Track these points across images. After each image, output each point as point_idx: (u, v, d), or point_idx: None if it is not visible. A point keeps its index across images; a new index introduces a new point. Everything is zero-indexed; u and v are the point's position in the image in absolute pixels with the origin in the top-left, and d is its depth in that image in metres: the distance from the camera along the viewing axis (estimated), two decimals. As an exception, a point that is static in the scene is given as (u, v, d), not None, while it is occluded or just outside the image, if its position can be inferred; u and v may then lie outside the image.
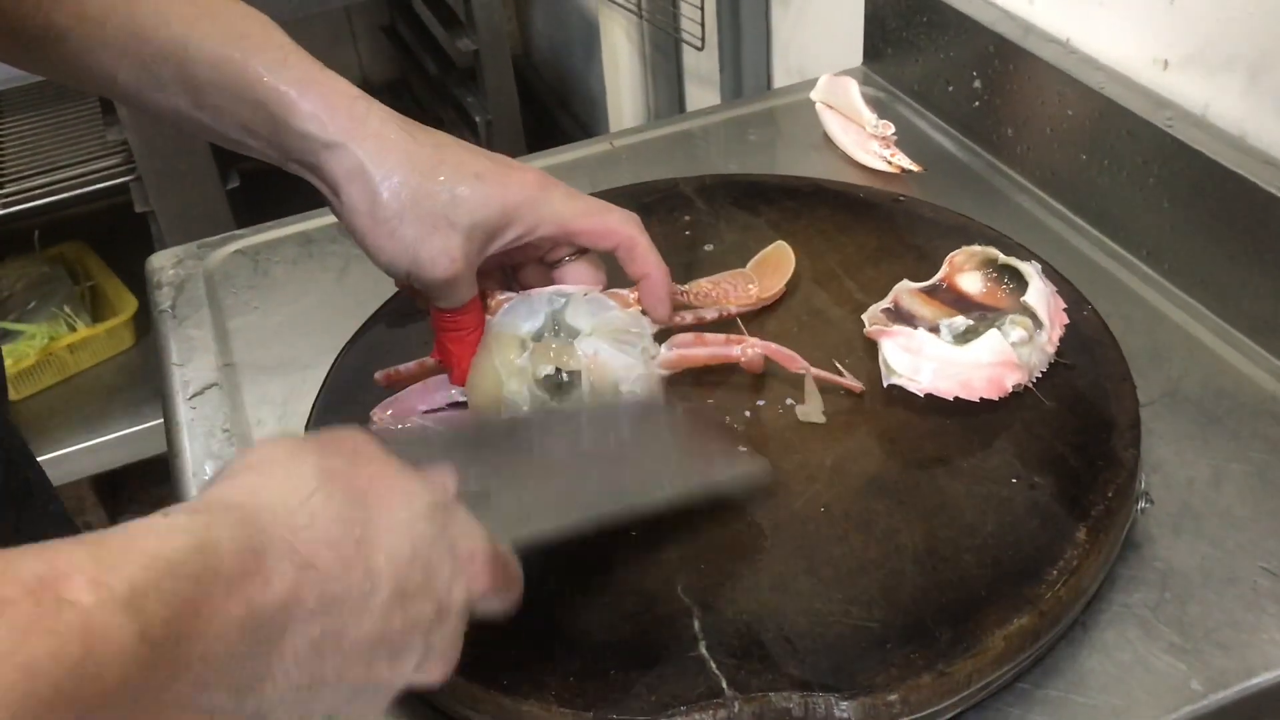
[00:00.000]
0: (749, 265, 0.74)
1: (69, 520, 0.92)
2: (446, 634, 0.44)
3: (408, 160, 0.57)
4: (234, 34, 0.57)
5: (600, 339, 0.62)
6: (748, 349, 0.64)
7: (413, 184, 0.56)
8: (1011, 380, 0.62)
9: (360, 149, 0.56)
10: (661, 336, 0.65)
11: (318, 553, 0.39)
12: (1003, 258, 0.68)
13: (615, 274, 0.65)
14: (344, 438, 0.45)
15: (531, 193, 0.59)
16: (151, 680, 0.32)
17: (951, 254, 0.69)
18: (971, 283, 0.67)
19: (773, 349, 0.65)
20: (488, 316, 0.63)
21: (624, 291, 0.65)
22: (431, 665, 0.44)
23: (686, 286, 0.70)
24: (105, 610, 0.31)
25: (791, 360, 0.64)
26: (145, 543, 0.34)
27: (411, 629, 0.42)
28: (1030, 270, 0.66)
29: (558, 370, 0.60)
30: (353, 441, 0.45)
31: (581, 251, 0.64)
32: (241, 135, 0.59)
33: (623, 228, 0.62)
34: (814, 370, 0.64)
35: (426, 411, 0.64)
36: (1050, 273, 0.69)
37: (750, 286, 0.71)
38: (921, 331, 0.63)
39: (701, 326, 0.68)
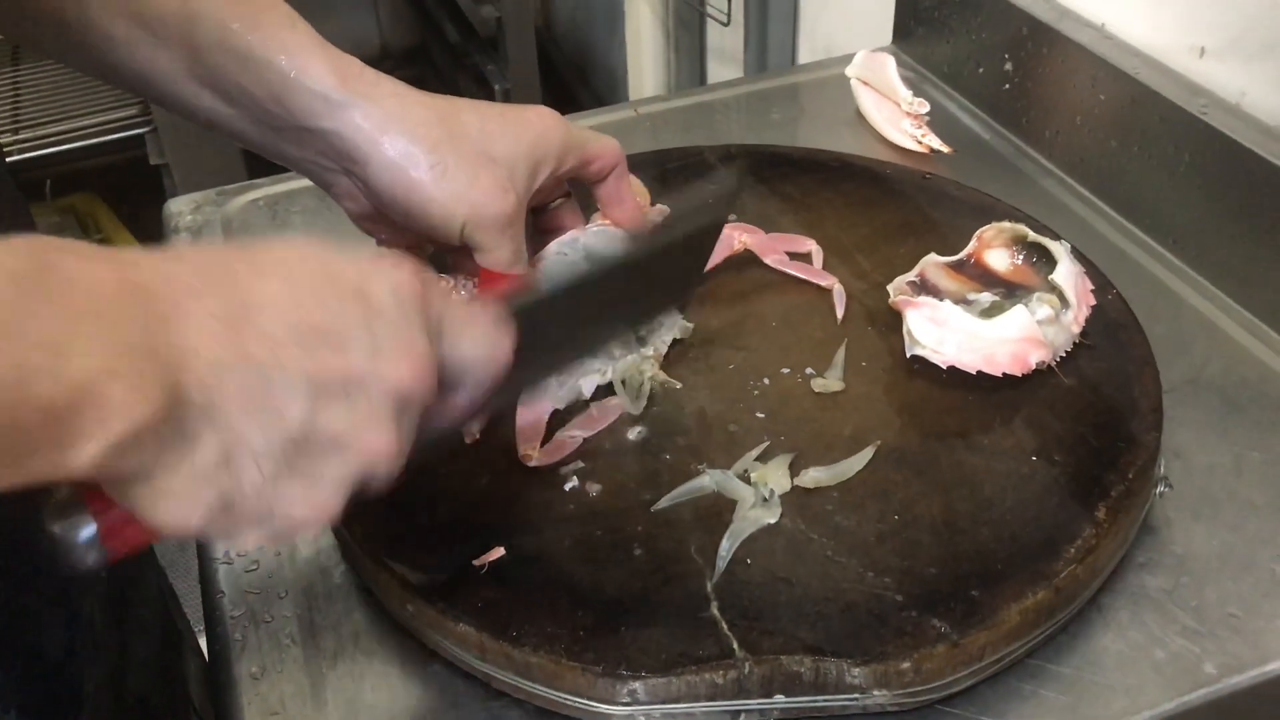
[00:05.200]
0: None
1: None
2: (390, 324, 0.40)
3: (430, 111, 0.57)
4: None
5: None
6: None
7: (444, 130, 0.56)
8: (1035, 357, 0.62)
9: (383, 105, 0.56)
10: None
11: (180, 258, 0.39)
12: (1032, 235, 0.67)
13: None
14: None
15: (551, 123, 0.60)
16: (32, 310, 0.32)
17: (980, 229, 0.68)
18: (999, 259, 0.66)
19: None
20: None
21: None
22: (389, 359, 0.40)
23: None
24: None
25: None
26: None
27: (336, 320, 0.39)
28: (1060, 249, 0.66)
29: None
30: None
31: (566, 195, 0.65)
32: (237, 101, 0.56)
33: (618, 150, 0.63)
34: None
35: None
36: (1077, 254, 0.68)
37: None
38: (948, 303, 0.62)
39: None
